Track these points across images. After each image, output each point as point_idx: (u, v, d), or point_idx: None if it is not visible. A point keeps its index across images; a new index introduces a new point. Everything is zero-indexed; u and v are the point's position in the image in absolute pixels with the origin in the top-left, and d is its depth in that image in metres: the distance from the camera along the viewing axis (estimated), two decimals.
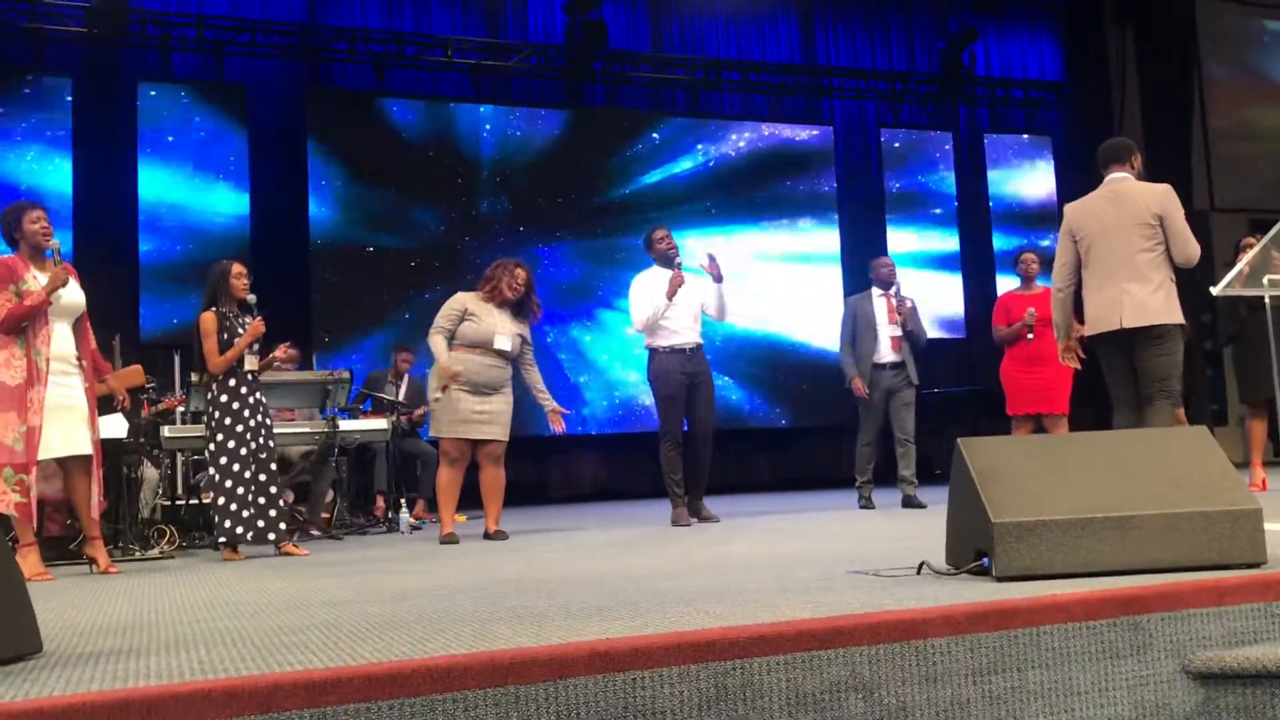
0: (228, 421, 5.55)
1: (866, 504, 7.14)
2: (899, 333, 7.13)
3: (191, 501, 7.14)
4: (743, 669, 2.15)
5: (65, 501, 5.55)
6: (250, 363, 5.66)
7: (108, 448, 5.66)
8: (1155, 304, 4.92)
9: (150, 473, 6.77)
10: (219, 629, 2.81)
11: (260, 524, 5.53)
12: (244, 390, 5.63)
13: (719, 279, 6.62)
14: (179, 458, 7.22)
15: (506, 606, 2.90)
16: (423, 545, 6.01)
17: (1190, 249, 4.88)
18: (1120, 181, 5.12)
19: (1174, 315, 4.96)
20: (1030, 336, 6.95)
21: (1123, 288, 4.96)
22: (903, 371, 7.15)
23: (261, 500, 5.56)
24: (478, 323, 6.04)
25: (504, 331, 6.08)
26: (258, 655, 2.29)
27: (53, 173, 9.73)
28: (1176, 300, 4.98)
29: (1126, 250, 4.96)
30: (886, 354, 7.12)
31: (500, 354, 6.06)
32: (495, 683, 2.00)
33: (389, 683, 1.95)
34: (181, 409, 7.33)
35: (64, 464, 4.99)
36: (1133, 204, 4.99)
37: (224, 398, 5.58)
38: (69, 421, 4.92)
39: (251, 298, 5.80)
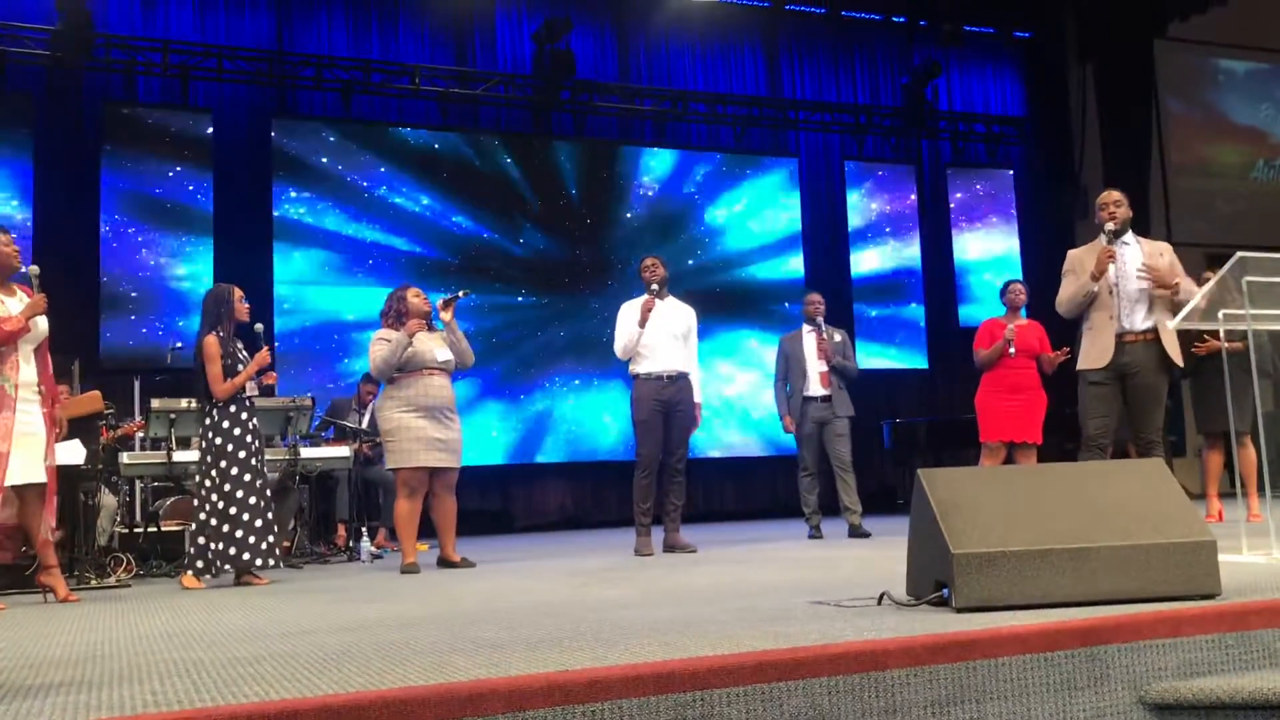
0: (231, 448, 5.52)
1: (816, 534, 7.28)
2: (826, 368, 7.32)
3: (150, 529, 7.04)
4: (703, 700, 2.15)
5: (19, 528, 5.45)
6: (250, 389, 5.66)
7: (65, 473, 5.58)
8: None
9: (108, 500, 6.67)
10: (174, 660, 2.77)
11: (264, 548, 5.52)
12: (244, 416, 5.61)
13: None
14: (137, 484, 7.13)
15: (466, 637, 2.89)
16: (383, 574, 5.96)
17: None
18: None
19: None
20: (1013, 351, 6.97)
21: None
22: (831, 404, 7.29)
23: (259, 524, 5.53)
24: (412, 347, 6.03)
25: (437, 344, 6.13)
26: (213, 687, 2.27)
27: (12, 193, 9.65)
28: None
29: None
30: (816, 388, 7.33)
31: (444, 369, 6.10)
32: (453, 714, 1.99)
33: (346, 714, 1.94)
34: (140, 434, 7.24)
35: (20, 491, 4.91)
36: None
37: (226, 424, 5.55)
38: (30, 449, 4.85)
39: (259, 326, 5.87)
